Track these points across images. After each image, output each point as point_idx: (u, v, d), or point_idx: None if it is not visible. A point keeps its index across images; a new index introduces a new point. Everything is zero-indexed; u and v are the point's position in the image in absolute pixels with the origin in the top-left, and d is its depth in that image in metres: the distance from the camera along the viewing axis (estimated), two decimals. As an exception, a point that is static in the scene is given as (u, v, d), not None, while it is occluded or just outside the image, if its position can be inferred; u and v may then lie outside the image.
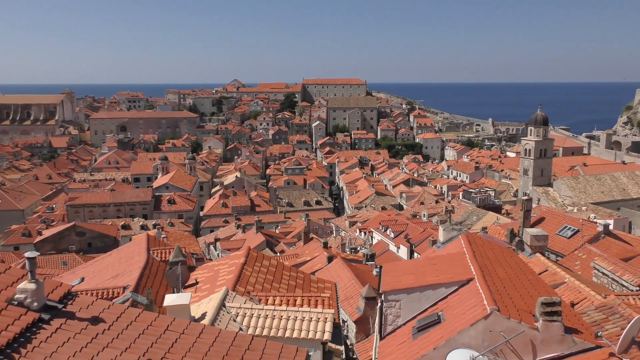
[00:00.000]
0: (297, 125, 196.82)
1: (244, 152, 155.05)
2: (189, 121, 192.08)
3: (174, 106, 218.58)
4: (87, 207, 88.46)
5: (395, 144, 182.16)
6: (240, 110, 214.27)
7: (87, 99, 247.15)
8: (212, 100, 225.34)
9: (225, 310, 12.66)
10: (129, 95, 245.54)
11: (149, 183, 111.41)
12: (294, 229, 71.96)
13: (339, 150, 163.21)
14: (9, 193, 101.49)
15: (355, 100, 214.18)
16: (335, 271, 30.61)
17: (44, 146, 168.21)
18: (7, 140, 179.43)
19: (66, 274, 27.65)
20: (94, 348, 8.30)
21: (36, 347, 8.02)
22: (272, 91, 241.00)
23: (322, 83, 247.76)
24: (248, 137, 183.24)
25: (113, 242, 70.57)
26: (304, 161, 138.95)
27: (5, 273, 9.64)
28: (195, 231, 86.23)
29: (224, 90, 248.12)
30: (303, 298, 15.11)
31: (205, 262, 27.44)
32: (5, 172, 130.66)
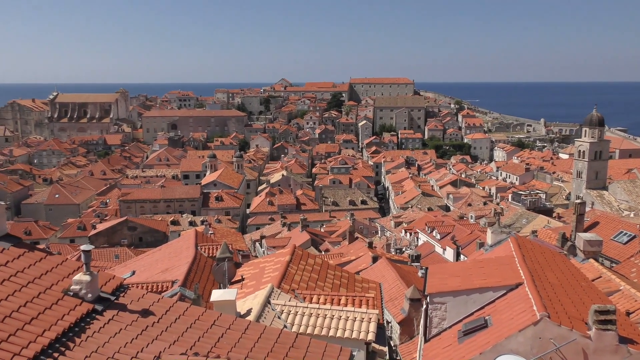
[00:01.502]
0: (343, 125, 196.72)
1: (291, 150, 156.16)
2: (237, 120, 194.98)
3: (223, 105, 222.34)
4: (139, 202, 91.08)
5: (443, 144, 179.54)
6: (288, 109, 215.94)
7: (140, 97, 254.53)
8: (260, 99, 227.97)
9: (270, 307, 12.79)
10: (179, 94, 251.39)
11: (197, 180, 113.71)
12: (338, 228, 71.93)
13: (386, 150, 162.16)
14: (66, 188, 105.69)
15: (402, 99, 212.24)
16: (379, 271, 30.45)
17: (99, 143, 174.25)
18: (65, 137, 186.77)
19: (118, 267, 28.58)
20: (144, 340, 8.54)
21: (90, 337, 8.32)
22: (319, 90, 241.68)
23: (369, 82, 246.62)
24: (295, 136, 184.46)
25: (162, 237, 72.46)
26: (350, 160, 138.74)
27: (62, 265, 10.04)
28: (242, 228, 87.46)
29: (272, 89, 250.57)
30: (347, 297, 15.09)
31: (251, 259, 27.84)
32: (63, 167, 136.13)
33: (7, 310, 8.13)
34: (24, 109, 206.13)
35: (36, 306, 8.50)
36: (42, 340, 7.75)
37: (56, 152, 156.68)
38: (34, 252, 10.06)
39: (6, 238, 10.03)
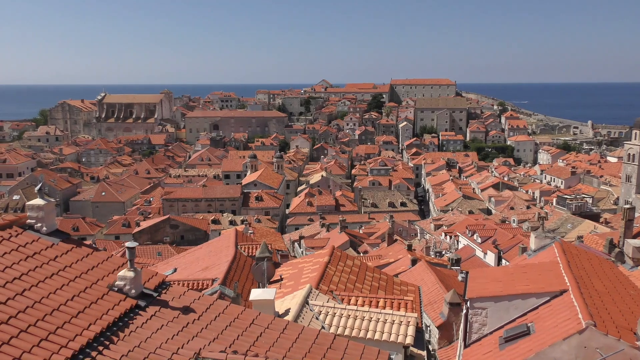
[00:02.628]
0: (383, 126, 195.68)
1: (330, 151, 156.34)
2: (278, 121, 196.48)
3: (264, 106, 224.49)
4: (181, 201, 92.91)
5: (485, 146, 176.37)
6: (328, 111, 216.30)
7: (183, 98, 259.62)
8: (300, 100, 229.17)
9: (309, 308, 12.83)
10: (221, 95, 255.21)
11: (238, 180, 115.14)
12: (377, 230, 71.60)
13: (426, 152, 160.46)
14: (112, 186, 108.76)
15: (444, 100, 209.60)
16: (419, 274, 30.15)
17: (144, 143, 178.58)
18: (112, 137, 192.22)
19: (160, 264, 29.20)
20: (185, 336, 8.70)
21: (133, 332, 8.52)
22: (360, 91, 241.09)
23: (410, 83, 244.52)
24: (334, 137, 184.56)
25: (203, 235, 73.71)
26: (389, 162, 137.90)
27: (107, 261, 10.33)
28: (281, 228, 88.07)
29: (312, 90, 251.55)
30: (386, 300, 15.00)
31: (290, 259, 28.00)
32: (109, 166, 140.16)
33: (55, 304, 8.42)
34: (73, 109, 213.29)
35: (83, 300, 8.78)
36: (88, 334, 8.00)
37: (103, 151, 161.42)
38: (82, 247, 10.39)
39: (56, 234, 10.40)
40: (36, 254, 9.54)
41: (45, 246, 9.89)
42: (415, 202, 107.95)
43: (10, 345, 7.26)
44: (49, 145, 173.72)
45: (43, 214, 10.32)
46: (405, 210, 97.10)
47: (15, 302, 8.12)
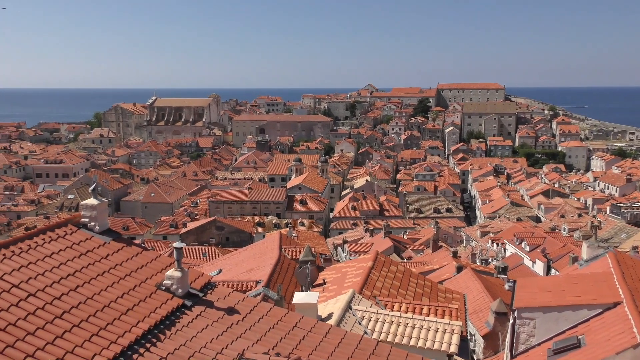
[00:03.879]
0: (429, 131, 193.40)
1: (375, 156, 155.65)
2: (323, 125, 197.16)
3: (310, 110, 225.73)
4: (227, 203, 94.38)
5: (535, 152, 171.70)
6: (373, 115, 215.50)
7: (230, 102, 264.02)
8: (345, 104, 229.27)
9: (351, 313, 12.79)
10: (268, 100, 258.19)
11: (283, 183, 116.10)
12: (422, 235, 70.77)
13: (473, 157, 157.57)
14: (160, 187, 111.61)
15: (492, 105, 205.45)
16: (464, 282, 29.61)
17: (192, 145, 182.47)
18: (161, 140, 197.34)
19: (206, 264, 29.73)
20: (229, 337, 8.82)
21: (179, 331, 8.71)
22: (406, 96, 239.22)
23: (458, 88, 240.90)
24: (380, 142, 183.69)
25: (248, 237, 74.68)
26: (435, 167, 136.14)
27: (156, 260, 10.60)
28: (325, 232, 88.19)
29: (358, 94, 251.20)
30: (430, 307, 14.79)
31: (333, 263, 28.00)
32: (159, 168, 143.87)
33: (106, 301, 8.71)
34: (126, 112, 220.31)
35: (132, 298, 9.04)
36: (136, 331, 8.23)
37: (153, 153, 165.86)
38: (132, 247, 10.70)
39: (107, 232, 10.76)
40: (89, 252, 9.89)
41: (98, 244, 10.24)
42: (461, 208, 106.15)
43: (63, 339, 7.55)
44: (103, 147, 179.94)
45: (96, 213, 10.69)
46: (451, 216, 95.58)
47: (69, 298, 8.44)
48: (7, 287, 8.15)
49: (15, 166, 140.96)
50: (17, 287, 8.22)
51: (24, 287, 8.29)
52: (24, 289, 8.27)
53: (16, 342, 7.18)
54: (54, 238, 9.87)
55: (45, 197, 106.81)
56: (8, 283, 8.24)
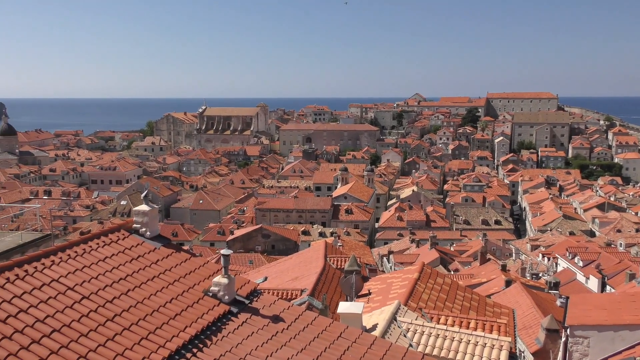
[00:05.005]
0: (478, 141, 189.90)
1: (422, 166, 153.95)
2: (370, 134, 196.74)
3: (356, 119, 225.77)
4: (273, 211, 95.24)
5: (589, 163, 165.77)
6: (420, 124, 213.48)
7: (278, 111, 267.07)
8: (392, 113, 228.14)
9: (396, 325, 12.64)
10: (315, 109, 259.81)
11: (329, 192, 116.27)
12: (470, 248, 69.40)
13: (524, 168, 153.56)
14: (209, 195, 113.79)
15: (544, 115, 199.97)
16: (513, 296, 28.81)
17: (239, 154, 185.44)
18: (210, 148, 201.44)
19: (252, 272, 30.05)
20: (274, 345, 8.87)
21: (225, 337, 8.82)
22: (454, 105, 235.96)
23: (508, 97, 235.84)
24: (427, 152, 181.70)
25: (294, 246, 75.05)
26: (484, 178, 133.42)
27: (203, 267, 10.79)
28: (370, 242, 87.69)
29: (405, 104, 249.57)
30: (477, 321, 14.45)
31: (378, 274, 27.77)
32: (207, 176, 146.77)
33: (155, 305, 8.92)
34: (177, 121, 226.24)
35: (180, 303, 9.22)
36: (183, 336, 8.38)
37: (202, 161, 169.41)
38: (180, 253, 10.94)
39: (158, 238, 11.04)
40: (140, 257, 10.17)
41: (148, 250, 10.51)
42: (510, 220, 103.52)
43: (114, 342, 7.77)
44: (154, 154, 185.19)
45: (147, 220, 10.99)
46: (500, 228, 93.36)
47: (120, 302, 8.69)
48: (63, 290, 8.46)
49: (73, 172, 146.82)
50: (72, 290, 8.54)
51: (78, 290, 8.59)
52: (79, 291, 8.57)
53: (70, 343, 7.44)
54: (107, 243, 10.20)
55: (100, 203, 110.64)
56: (64, 286, 8.56)
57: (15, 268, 8.48)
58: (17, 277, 8.30)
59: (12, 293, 7.93)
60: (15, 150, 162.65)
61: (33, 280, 8.40)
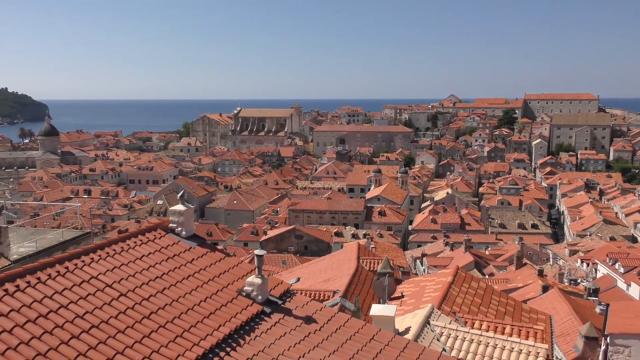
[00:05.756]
0: (515, 143, 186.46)
1: (457, 168, 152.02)
2: (404, 136, 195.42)
3: (390, 121, 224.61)
4: (306, 212, 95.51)
5: (632, 166, 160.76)
6: (456, 126, 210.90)
7: (312, 113, 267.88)
8: (427, 115, 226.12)
9: (430, 328, 12.51)
10: (349, 110, 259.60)
11: (362, 194, 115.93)
12: (505, 252, 68.18)
13: (562, 171, 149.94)
14: (243, 195, 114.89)
15: (584, 117, 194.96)
16: (550, 302, 28.15)
17: (273, 155, 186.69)
18: (245, 149, 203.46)
19: (284, 272, 30.19)
20: (306, 346, 8.89)
21: (257, 337, 8.89)
22: (490, 107, 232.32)
23: (546, 98, 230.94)
24: (462, 154, 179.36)
25: (326, 247, 75.12)
26: (520, 181, 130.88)
27: (237, 266, 10.90)
28: (403, 244, 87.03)
29: (440, 105, 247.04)
30: (513, 327, 14.18)
31: (411, 277, 27.55)
32: (242, 176, 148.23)
33: (190, 304, 9.05)
34: (212, 122, 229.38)
35: (214, 302, 9.34)
36: (217, 335, 8.48)
37: (237, 162, 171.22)
38: (215, 252, 11.08)
39: (193, 238, 11.20)
40: (175, 256, 10.34)
41: (184, 249, 10.68)
42: (548, 224, 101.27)
43: (150, 339, 7.92)
44: (190, 155, 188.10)
45: (183, 219, 11.17)
46: (537, 232, 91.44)
47: (156, 300, 8.86)
48: (102, 287, 8.68)
49: (111, 172, 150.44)
50: (110, 287, 8.74)
51: (116, 287, 8.80)
52: (116, 289, 8.77)
53: (107, 339, 7.62)
54: (144, 241, 10.41)
55: (137, 202, 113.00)
56: (102, 283, 8.78)
57: (56, 265, 8.73)
58: (58, 273, 8.55)
59: (53, 289, 8.17)
60: (58, 150, 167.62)
61: (73, 277, 8.64)
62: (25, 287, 7.98)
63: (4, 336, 6.97)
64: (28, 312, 7.53)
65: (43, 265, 8.58)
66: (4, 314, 7.32)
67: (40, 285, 8.16)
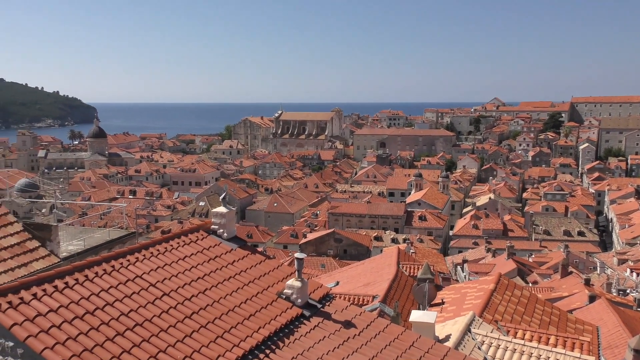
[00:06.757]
0: (561, 147, 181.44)
1: (500, 173, 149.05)
2: (445, 139, 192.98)
3: (432, 124, 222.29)
4: (346, 216, 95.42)
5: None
6: (499, 130, 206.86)
7: (352, 116, 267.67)
8: (469, 119, 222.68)
9: (471, 336, 12.30)
10: (389, 114, 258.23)
11: (402, 198, 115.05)
12: (550, 259, 66.41)
13: (611, 177, 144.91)
14: (283, 198, 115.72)
15: (635, 120, 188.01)
16: (597, 313, 27.21)
17: (314, 158, 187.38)
18: (285, 152, 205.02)
19: (323, 276, 30.21)
20: (345, 351, 8.87)
21: (297, 340, 8.92)
22: (535, 110, 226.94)
23: (595, 101, 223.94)
24: (505, 158, 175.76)
25: (365, 251, 74.86)
26: (567, 187, 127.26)
27: (277, 269, 10.97)
28: (444, 250, 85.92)
29: (483, 109, 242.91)
30: (558, 338, 13.79)
31: (452, 283, 27.15)
32: (282, 179, 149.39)
33: (231, 305, 9.17)
34: (254, 125, 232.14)
35: (254, 304, 9.43)
36: (257, 337, 8.56)
37: (277, 164, 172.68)
38: (255, 254, 11.18)
39: (234, 240, 11.35)
40: (217, 257, 10.50)
41: (225, 251, 10.83)
42: (595, 232, 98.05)
43: (191, 339, 8.07)
44: (232, 157, 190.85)
45: (225, 221, 11.33)
46: (583, 240, 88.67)
47: (198, 300, 9.01)
48: (145, 286, 8.89)
49: (156, 174, 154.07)
50: (153, 286, 8.95)
51: (159, 287, 9.00)
52: (160, 288, 8.97)
53: (150, 337, 7.80)
54: (187, 242, 10.61)
55: (180, 204, 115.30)
56: (146, 282, 8.99)
57: (103, 263, 9.00)
58: (104, 272, 8.81)
59: (100, 287, 8.43)
60: (105, 151, 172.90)
61: (119, 275, 8.88)
62: (73, 285, 8.25)
63: (53, 331, 7.23)
64: (76, 309, 7.78)
65: (90, 264, 8.86)
66: (53, 310, 7.59)
67: (88, 282, 8.42)
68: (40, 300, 7.67)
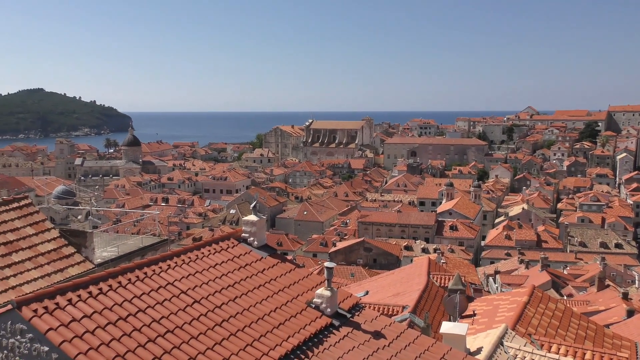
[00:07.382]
0: (597, 157, 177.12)
1: (534, 183, 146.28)
2: (477, 149, 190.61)
3: (463, 133, 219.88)
4: (376, 225, 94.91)
5: None
6: (533, 139, 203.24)
7: (383, 125, 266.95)
8: (502, 128, 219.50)
9: (503, 350, 12.05)
10: (420, 122, 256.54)
11: (433, 207, 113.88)
12: (585, 272, 64.74)
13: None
14: (313, 206, 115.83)
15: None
16: (635, 328, 26.36)
17: (344, 167, 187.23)
18: (316, 160, 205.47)
19: (353, 285, 30.09)
20: (374, 361, 8.79)
21: (326, 350, 8.89)
22: (570, 119, 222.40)
23: (633, 110, 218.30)
24: (539, 168, 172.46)
25: (395, 260, 74.25)
26: (603, 197, 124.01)
27: (307, 278, 10.98)
28: (475, 260, 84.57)
29: (516, 117, 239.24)
30: (594, 353, 13.40)
31: (484, 294, 26.69)
32: (312, 187, 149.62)
33: (260, 313, 9.20)
34: (284, 134, 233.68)
35: (284, 313, 9.44)
36: (286, 345, 8.57)
37: (307, 173, 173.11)
38: (285, 263, 11.22)
39: (264, 248, 11.41)
40: (247, 265, 10.56)
41: (255, 259, 10.89)
42: (633, 244, 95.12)
43: (222, 346, 8.12)
44: (262, 166, 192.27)
45: (255, 229, 11.41)
46: (621, 252, 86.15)
47: (228, 308, 9.07)
48: (177, 293, 9.00)
49: (188, 181, 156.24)
50: (185, 294, 9.05)
51: (190, 294, 9.09)
52: (191, 295, 9.07)
53: (181, 344, 7.88)
54: (218, 250, 10.71)
55: (211, 211, 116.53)
56: (178, 289, 9.10)
57: (136, 270, 9.15)
58: (137, 278, 8.95)
59: (132, 294, 8.56)
60: (139, 159, 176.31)
61: (151, 282, 9.02)
62: (107, 291, 8.40)
63: (86, 336, 7.37)
64: (109, 315, 7.92)
65: (124, 270, 9.02)
66: (87, 316, 7.74)
67: (121, 289, 8.57)
68: (75, 306, 7.84)
